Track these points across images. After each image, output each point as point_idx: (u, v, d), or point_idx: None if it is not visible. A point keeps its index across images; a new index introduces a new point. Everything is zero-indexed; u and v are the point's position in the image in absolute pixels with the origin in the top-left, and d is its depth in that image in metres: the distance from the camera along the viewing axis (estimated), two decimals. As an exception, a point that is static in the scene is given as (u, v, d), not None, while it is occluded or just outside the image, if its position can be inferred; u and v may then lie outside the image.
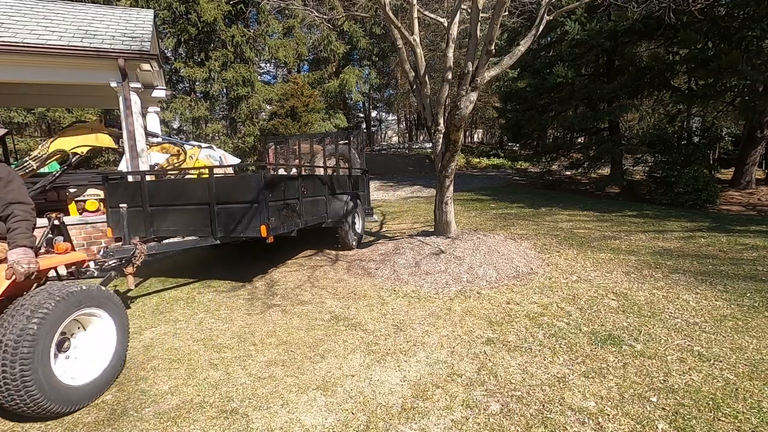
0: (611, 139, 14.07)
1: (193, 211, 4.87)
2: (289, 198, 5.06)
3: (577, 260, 5.70)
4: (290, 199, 5.12)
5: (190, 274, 5.88)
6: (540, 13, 5.57)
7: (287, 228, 4.96)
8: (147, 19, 7.81)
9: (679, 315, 3.86)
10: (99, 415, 2.69)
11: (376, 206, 11.22)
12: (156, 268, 6.31)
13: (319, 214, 5.99)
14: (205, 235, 4.84)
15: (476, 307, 4.28)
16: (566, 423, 2.43)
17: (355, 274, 5.59)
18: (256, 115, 21.50)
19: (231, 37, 19.55)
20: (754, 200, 12.02)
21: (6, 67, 6.19)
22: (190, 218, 4.90)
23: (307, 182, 5.74)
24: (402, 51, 6.58)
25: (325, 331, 3.86)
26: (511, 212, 9.62)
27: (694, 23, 11.15)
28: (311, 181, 5.97)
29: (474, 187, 14.70)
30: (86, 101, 10.25)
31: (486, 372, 3.03)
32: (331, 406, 2.69)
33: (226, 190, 4.70)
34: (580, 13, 12.38)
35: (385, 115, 43.49)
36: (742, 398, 2.57)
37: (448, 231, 6.21)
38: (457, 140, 5.68)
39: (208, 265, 6.54)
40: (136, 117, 6.75)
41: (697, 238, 6.70)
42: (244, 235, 4.64)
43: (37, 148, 7.29)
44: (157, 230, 5.11)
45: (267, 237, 4.47)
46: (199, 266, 6.46)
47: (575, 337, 3.51)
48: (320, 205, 6.05)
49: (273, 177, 4.91)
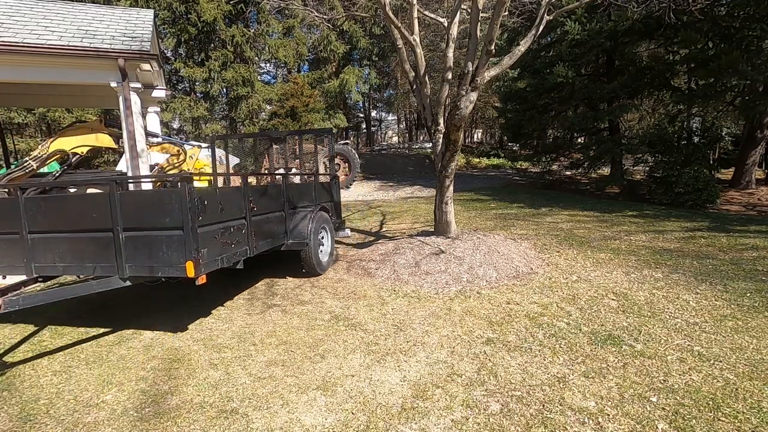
0: (611, 139, 14.07)
1: (91, 240, 3.57)
2: (230, 218, 3.87)
3: (577, 260, 5.69)
4: (233, 219, 3.92)
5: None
6: (540, 13, 5.57)
7: (228, 260, 3.79)
8: (147, 19, 7.81)
9: (679, 315, 3.86)
10: (99, 415, 2.69)
11: (376, 206, 11.22)
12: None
13: (275, 235, 4.82)
14: (106, 274, 3.54)
15: (476, 307, 4.28)
16: (566, 423, 2.43)
17: (355, 274, 5.59)
18: (256, 115, 21.50)
19: (231, 37, 19.56)
20: (754, 200, 12.01)
21: (6, 67, 6.19)
22: (87, 249, 3.60)
23: (259, 195, 4.55)
24: (402, 51, 6.58)
25: (325, 331, 3.86)
26: (511, 212, 9.61)
27: (694, 23, 11.14)
28: (264, 193, 4.79)
29: (474, 187, 14.69)
30: (86, 101, 10.25)
31: (486, 372, 3.03)
32: (331, 406, 2.69)
33: (138, 211, 3.45)
34: (580, 13, 12.37)
35: (385, 115, 43.50)
36: (742, 398, 2.57)
37: (448, 231, 6.21)
38: (457, 140, 5.68)
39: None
40: (136, 117, 6.75)
41: (697, 238, 6.70)
42: (163, 275, 3.43)
43: (37, 148, 7.30)
44: (42, 267, 3.72)
45: (196, 277, 3.28)
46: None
47: (575, 337, 3.51)
48: (277, 223, 4.89)
49: (205, 192, 3.61)
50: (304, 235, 5.16)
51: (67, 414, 2.73)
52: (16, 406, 2.84)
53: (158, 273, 3.42)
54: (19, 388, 3.09)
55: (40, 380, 3.19)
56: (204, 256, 3.38)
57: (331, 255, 6.06)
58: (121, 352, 3.62)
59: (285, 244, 5.04)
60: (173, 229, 3.32)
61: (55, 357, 3.60)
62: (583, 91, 13.72)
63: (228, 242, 3.81)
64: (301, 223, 5.26)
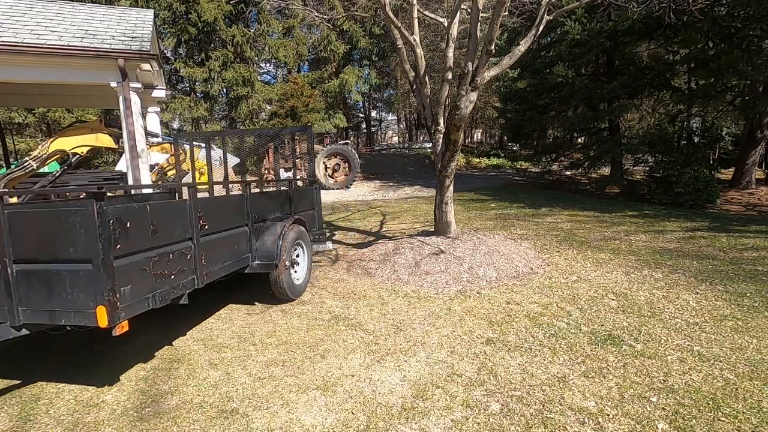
0: (611, 139, 14.07)
1: None
2: (169, 242, 3.04)
3: (577, 260, 5.69)
4: (173, 243, 3.08)
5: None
6: (540, 13, 5.57)
7: (164, 297, 2.97)
8: (147, 19, 7.81)
9: (679, 315, 3.86)
10: (99, 415, 2.69)
11: (376, 206, 11.21)
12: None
13: (235, 256, 3.96)
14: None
15: (476, 307, 4.28)
16: (566, 423, 2.43)
17: (355, 274, 5.59)
18: (256, 115, 21.51)
19: (231, 37, 19.57)
20: (754, 200, 12.01)
21: (6, 67, 6.19)
22: None
23: (214, 208, 3.70)
24: (402, 51, 6.58)
25: (325, 331, 3.86)
26: (511, 212, 9.61)
27: (694, 23, 11.14)
28: (221, 205, 3.97)
29: (474, 187, 14.69)
30: (86, 101, 10.25)
31: (486, 372, 3.03)
32: (331, 406, 2.69)
33: (34, 236, 2.61)
34: (580, 13, 12.37)
35: (385, 115, 43.51)
36: (742, 398, 2.57)
37: (448, 231, 6.21)
38: (457, 140, 5.68)
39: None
40: (136, 117, 6.75)
41: (697, 238, 6.70)
42: (68, 323, 2.60)
43: (37, 148, 7.29)
44: None
45: (111, 326, 2.49)
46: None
47: (575, 337, 3.51)
48: (238, 241, 4.02)
49: (127, 210, 2.70)
50: (273, 254, 4.27)
51: (66, 414, 2.73)
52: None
53: (61, 320, 2.58)
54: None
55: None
56: (124, 297, 2.58)
57: (309, 275, 5.16)
58: (120, 352, 3.62)
59: (249, 266, 4.22)
60: (80, 263, 2.48)
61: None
62: (583, 91, 13.72)
63: (164, 273, 2.96)
64: (270, 239, 4.34)
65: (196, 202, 3.33)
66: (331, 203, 11.94)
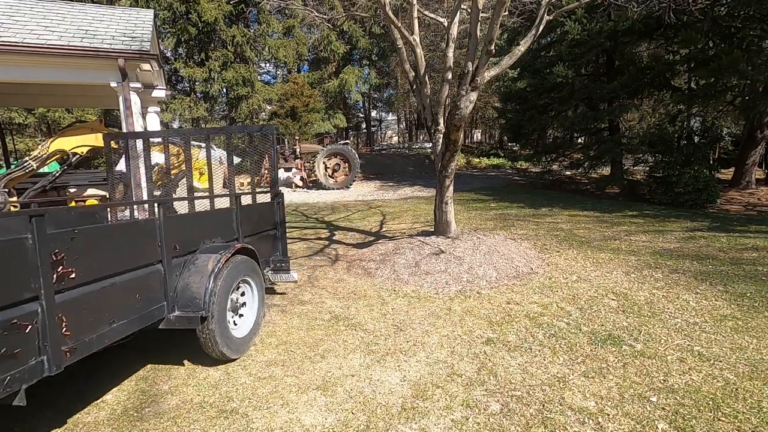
0: (611, 139, 14.07)
1: None
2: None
3: (577, 260, 5.69)
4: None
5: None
6: (540, 13, 5.57)
7: None
8: (147, 19, 7.81)
9: (679, 315, 3.86)
10: (99, 415, 2.69)
11: (376, 206, 11.20)
12: None
13: (137, 310, 2.64)
14: None
15: (476, 307, 4.28)
16: (566, 423, 2.43)
17: (355, 274, 5.59)
18: (256, 115, 21.52)
19: (231, 37, 19.58)
20: (754, 200, 12.01)
21: (6, 67, 6.20)
22: None
23: (89, 242, 2.31)
24: (402, 51, 6.58)
25: (325, 331, 3.86)
26: (511, 212, 9.61)
27: (694, 23, 11.14)
28: (104, 236, 2.52)
29: (474, 187, 14.70)
30: (86, 101, 10.26)
31: (486, 372, 3.03)
32: (331, 406, 2.69)
33: None
34: (580, 13, 12.37)
35: (385, 115, 43.53)
36: (742, 398, 2.57)
37: (448, 231, 6.21)
38: (457, 140, 5.68)
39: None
40: (136, 117, 6.76)
41: (697, 238, 6.70)
42: None
43: (37, 148, 7.30)
44: None
45: None
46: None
47: (575, 337, 3.51)
48: (143, 287, 2.70)
49: None
50: (199, 302, 2.97)
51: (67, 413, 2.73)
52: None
53: None
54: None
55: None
56: None
57: (260, 320, 3.82)
58: (120, 352, 3.62)
59: (166, 319, 2.91)
60: None
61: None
62: (583, 91, 13.73)
63: None
64: (197, 280, 3.04)
65: (44, 238, 1.97)
66: (331, 203, 11.94)
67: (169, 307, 2.94)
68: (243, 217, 3.90)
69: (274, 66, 27.84)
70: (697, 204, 10.96)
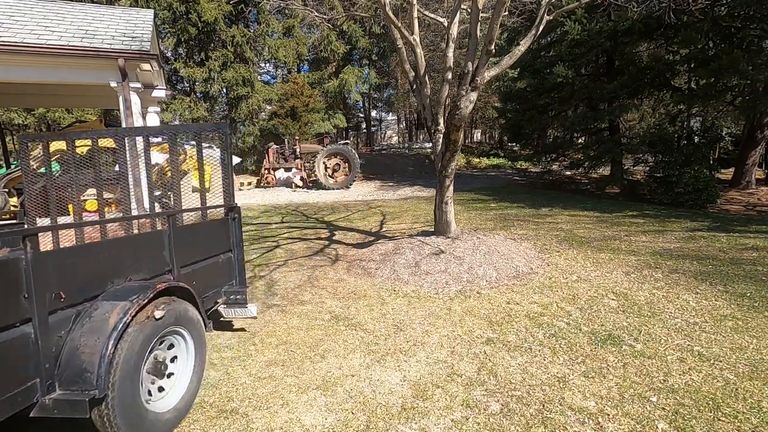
0: (611, 139, 14.08)
1: None
2: None
3: (577, 260, 5.69)
4: None
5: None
6: (540, 13, 5.57)
7: None
8: (147, 19, 7.81)
9: (679, 315, 3.86)
10: (99, 415, 2.69)
11: (376, 206, 11.19)
12: None
13: None
14: None
15: (476, 306, 4.28)
16: (566, 423, 2.43)
17: (355, 274, 5.59)
18: (256, 115, 21.52)
19: (231, 37, 19.58)
20: (754, 200, 12.01)
21: (6, 67, 6.20)
22: None
23: None
24: (402, 51, 6.58)
25: (325, 331, 3.86)
26: (511, 212, 9.61)
27: (694, 23, 11.14)
28: None
29: (474, 187, 14.70)
30: (86, 101, 10.27)
31: (486, 372, 3.03)
32: (331, 406, 2.69)
33: None
34: (580, 13, 12.37)
35: (385, 115, 43.52)
36: (742, 398, 2.57)
37: (448, 231, 6.21)
38: (457, 140, 5.68)
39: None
40: (136, 117, 6.76)
41: (697, 238, 6.70)
42: None
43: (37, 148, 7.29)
44: None
45: None
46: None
47: (575, 337, 3.51)
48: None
49: None
50: (91, 376, 2.00)
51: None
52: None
53: None
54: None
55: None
56: None
57: (198, 384, 2.79)
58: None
59: (39, 403, 1.92)
60: None
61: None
62: (583, 91, 13.73)
63: None
64: (89, 343, 2.06)
65: None
66: (331, 203, 11.94)
67: (43, 385, 1.93)
68: (180, 241, 2.90)
69: (274, 66, 27.85)
70: (697, 204, 10.96)
